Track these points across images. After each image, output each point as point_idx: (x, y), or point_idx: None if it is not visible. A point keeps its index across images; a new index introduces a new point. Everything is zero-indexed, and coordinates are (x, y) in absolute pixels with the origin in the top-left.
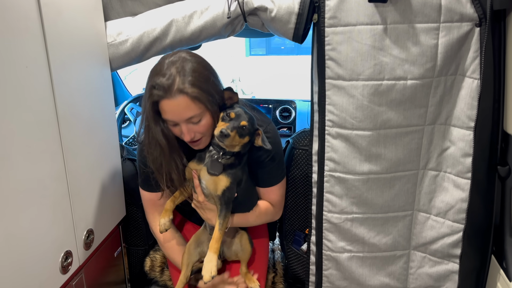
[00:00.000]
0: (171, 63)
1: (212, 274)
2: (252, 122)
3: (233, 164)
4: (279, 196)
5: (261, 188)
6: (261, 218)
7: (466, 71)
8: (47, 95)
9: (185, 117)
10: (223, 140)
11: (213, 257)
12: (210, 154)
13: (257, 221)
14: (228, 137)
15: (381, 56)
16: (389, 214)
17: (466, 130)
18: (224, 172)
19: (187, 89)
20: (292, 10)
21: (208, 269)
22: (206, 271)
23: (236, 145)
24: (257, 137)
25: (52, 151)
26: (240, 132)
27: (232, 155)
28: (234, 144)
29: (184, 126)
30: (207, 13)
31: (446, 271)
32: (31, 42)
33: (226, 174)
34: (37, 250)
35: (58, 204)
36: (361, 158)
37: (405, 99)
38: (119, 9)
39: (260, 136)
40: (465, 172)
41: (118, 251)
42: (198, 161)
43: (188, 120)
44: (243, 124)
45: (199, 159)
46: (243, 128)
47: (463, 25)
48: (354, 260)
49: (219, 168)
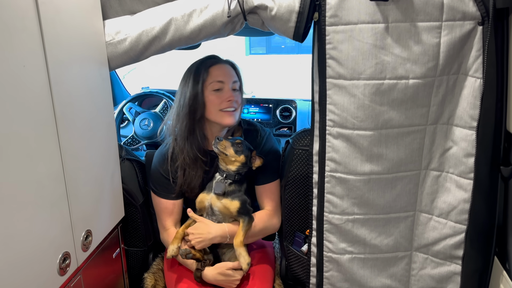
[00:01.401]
0: None
1: (247, 261)
2: (246, 145)
3: (235, 190)
4: (275, 195)
5: (259, 187)
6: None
7: (468, 70)
8: (45, 94)
9: (231, 79)
10: (216, 144)
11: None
12: (216, 179)
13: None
14: (221, 141)
15: (382, 55)
16: (390, 215)
17: (469, 130)
18: (230, 197)
19: (231, 62)
20: (292, 8)
21: (243, 261)
22: (242, 262)
23: (233, 161)
24: (253, 159)
25: (49, 151)
26: (235, 148)
27: (233, 179)
28: (231, 159)
29: (228, 88)
30: (206, 11)
31: (448, 273)
32: (29, 41)
33: (233, 197)
34: (35, 251)
35: (55, 205)
36: (363, 158)
37: (407, 98)
38: (117, 8)
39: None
40: (468, 173)
41: (116, 252)
42: (208, 191)
43: (233, 83)
44: (238, 142)
45: (208, 189)
46: (238, 145)
47: (465, 24)
48: (356, 261)
49: (222, 187)
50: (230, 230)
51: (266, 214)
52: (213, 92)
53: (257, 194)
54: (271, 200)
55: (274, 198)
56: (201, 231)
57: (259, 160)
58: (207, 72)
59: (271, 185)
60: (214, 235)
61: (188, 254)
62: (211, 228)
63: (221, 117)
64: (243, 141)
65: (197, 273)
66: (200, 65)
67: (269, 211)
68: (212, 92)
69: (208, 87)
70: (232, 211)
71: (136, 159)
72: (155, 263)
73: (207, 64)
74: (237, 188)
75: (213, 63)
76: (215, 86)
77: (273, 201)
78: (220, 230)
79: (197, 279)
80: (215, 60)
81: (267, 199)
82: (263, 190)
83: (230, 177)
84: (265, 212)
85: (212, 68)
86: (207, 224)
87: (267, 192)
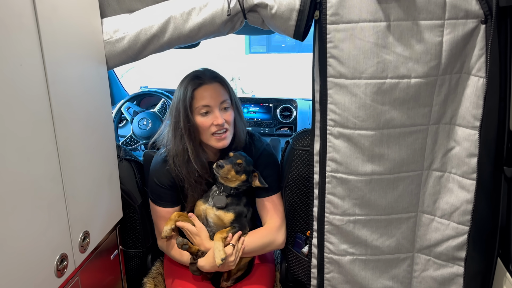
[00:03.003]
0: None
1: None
2: (247, 163)
3: (231, 203)
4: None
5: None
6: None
7: (471, 69)
8: (42, 94)
9: (218, 100)
10: (218, 170)
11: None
12: (213, 192)
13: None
14: (223, 167)
15: (384, 54)
16: (392, 216)
17: (471, 129)
18: (225, 209)
19: (219, 77)
20: (293, 6)
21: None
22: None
23: (234, 180)
24: (254, 178)
25: (47, 151)
26: (236, 169)
27: (229, 192)
28: (232, 179)
29: (217, 111)
30: (206, 9)
31: (451, 274)
32: (26, 39)
33: (228, 210)
34: (31, 252)
35: (53, 206)
36: (364, 159)
37: (408, 98)
38: (115, 6)
39: (257, 177)
40: (470, 173)
41: (114, 253)
42: (205, 200)
43: (220, 104)
44: (239, 162)
45: (205, 198)
46: (238, 165)
47: (468, 22)
48: (357, 263)
49: (223, 201)
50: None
51: (268, 230)
52: (200, 116)
53: (258, 208)
54: (274, 214)
55: (277, 212)
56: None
57: (257, 181)
58: (192, 95)
59: (271, 198)
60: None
61: (184, 245)
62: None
63: (212, 142)
64: (244, 159)
65: (192, 268)
66: (186, 87)
67: (271, 226)
68: (200, 116)
69: (195, 111)
70: (225, 223)
71: (134, 159)
72: (155, 267)
73: (192, 86)
74: (234, 201)
75: (198, 85)
76: (201, 110)
77: (275, 216)
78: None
79: (194, 273)
80: (200, 80)
81: (268, 213)
82: (264, 204)
83: (226, 190)
84: (267, 227)
85: (197, 91)
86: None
87: (267, 206)
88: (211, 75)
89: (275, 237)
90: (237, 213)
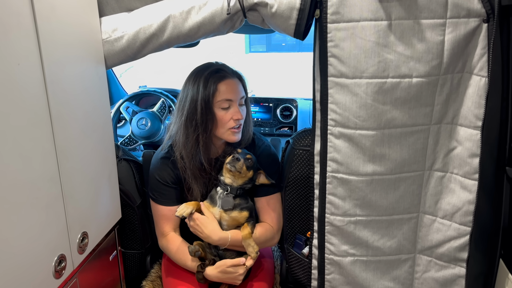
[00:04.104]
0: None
1: (256, 250)
2: (254, 159)
3: (241, 202)
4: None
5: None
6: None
7: (473, 68)
8: (40, 93)
9: (239, 95)
10: (235, 164)
11: (250, 241)
12: (218, 194)
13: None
14: (240, 161)
15: (385, 53)
16: (393, 217)
17: (474, 129)
18: (238, 208)
19: (238, 73)
20: (293, 5)
21: (252, 250)
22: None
23: (243, 177)
24: (259, 175)
25: (45, 151)
26: (247, 164)
27: (235, 193)
28: (242, 175)
29: (236, 106)
30: (205, 8)
31: (452, 276)
32: (23, 38)
33: (241, 209)
34: (29, 253)
35: (51, 206)
36: (365, 159)
37: (410, 97)
38: (114, 5)
39: (262, 174)
40: (472, 173)
41: (113, 254)
42: (211, 202)
43: (240, 99)
44: (249, 157)
45: (211, 200)
46: (249, 160)
47: (470, 21)
48: (358, 264)
49: (230, 203)
50: (233, 238)
51: (269, 230)
52: (221, 110)
53: (257, 207)
54: (272, 214)
55: (276, 212)
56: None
57: (263, 178)
58: (216, 88)
59: (270, 198)
60: (213, 240)
61: (196, 252)
62: (214, 234)
63: (227, 136)
64: (252, 155)
65: (198, 276)
66: (208, 79)
67: (272, 224)
68: (220, 109)
69: (216, 104)
70: (241, 221)
71: (133, 159)
72: (154, 270)
73: (215, 79)
74: (243, 201)
75: (221, 78)
76: (223, 104)
77: (274, 216)
78: (223, 239)
79: (200, 281)
80: (223, 73)
81: (268, 213)
82: (263, 203)
83: (233, 191)
84: (268, 226)
85: (221, 84)
86: (214, 228)
87: (267, 205)
88: (231, 70)
89: (275, 235)
90: (251, 210)
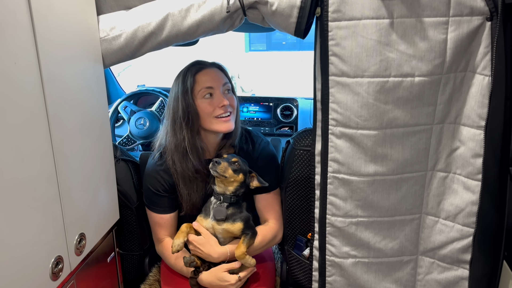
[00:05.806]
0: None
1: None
2: (243, 162)
3: (235, 212)
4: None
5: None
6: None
7: (476, 67)
8: (37, 92)
9: (221, 82)
10: (215, 167)
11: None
12: (212, 204)
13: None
14: (220, 164)
15: (387, 52)
16: (395, 218)
17: (477, 129)
18: (231, 220)
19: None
20: (294, 3)
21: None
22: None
23: (232, 181)
24: (252, 178)
25: (42, 151)
26: (233, 167)
27: (229, 201)
28: (230, 179)
29: (219, 93)
30: (204, 6)
31: (455, 278)
32: (20, 37)
33: (234, 220)
34: (26, 255)
35: (48, 207)
36: (366, 159)
37: (412, 96)
38: (112, 3)
39: (255, 177)
40: (476, 174)
41: (111, 256)
42: (205, 214)
43: (223, 86)
44: (235, 160)
45: (205, 211)
46: (234, 163)
47: (473, 19)
48: (359, 265)
49: (223, 213)
50: (232, 251)
51: (270, 230)
52: (204, 100)
53: (256, 205)
54: (272, 212)
55: (275, 209)
56: (203, 249)
57: (256, 181)
58: (194, 79)
59: (269, 195)
60: (213, 258)
61: (192, 263)
62: (213, 251)
63: (216, 125)
64: (239, 158)
65: (192, 282)
66: (186, 74)
67: (272, 226)
68: (203, 99)
69: (198, 95)
70: (235, 233)
71: (131, 159)
72: (152, 274)
73: (193, 71)
74: (237, 210)
75: (198, 69)
76: (204, 93)
77: (274, 214)
78: (223, 255)
79: (193, 287)
80: (200, 65)
81: (267, 211)
82: (262, 201)
83: (226, 199)
84: (269, 227)
85: (199, 75)
86: (212, 246)
87: (266, 203)
88: (210, 62)
89: (277, 233)
90: (245, 220)
